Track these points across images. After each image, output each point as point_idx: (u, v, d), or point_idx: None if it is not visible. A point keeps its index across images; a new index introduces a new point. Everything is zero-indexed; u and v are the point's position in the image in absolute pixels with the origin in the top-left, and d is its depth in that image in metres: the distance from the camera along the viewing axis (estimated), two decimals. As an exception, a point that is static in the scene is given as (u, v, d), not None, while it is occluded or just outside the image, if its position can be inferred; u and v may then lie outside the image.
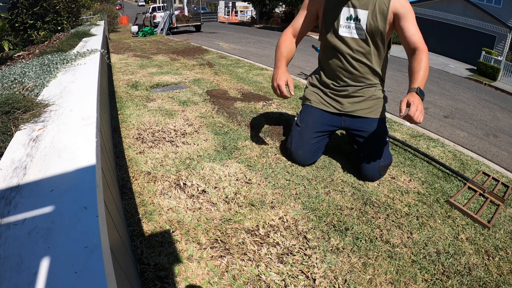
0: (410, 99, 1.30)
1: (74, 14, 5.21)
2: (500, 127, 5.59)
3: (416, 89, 1.36)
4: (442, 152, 2.12)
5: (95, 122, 0.94)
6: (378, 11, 1.54)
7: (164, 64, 4.53)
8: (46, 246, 0.50)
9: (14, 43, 4.00)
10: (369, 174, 1.63)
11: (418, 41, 1.52)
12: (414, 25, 1.53)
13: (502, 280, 1.11)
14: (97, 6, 12.92)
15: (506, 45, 14.72)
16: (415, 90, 1.36)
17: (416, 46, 1.51)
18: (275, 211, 1.33)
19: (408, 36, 1.54)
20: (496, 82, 12.17)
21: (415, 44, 1.51)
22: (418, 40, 1.52)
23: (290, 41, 1.77)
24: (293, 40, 1.79)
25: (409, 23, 1.52)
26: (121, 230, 0.90)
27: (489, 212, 1.52)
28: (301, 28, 1.77)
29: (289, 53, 1.74)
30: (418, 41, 1.52)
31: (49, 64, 1.75)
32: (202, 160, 1.69)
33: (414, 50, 1.51)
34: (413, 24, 1.53)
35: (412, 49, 1.52)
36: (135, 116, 2.27)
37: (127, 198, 1.34)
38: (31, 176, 0.68)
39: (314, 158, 1.75)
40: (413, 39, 1.52)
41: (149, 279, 0.96)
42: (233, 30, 16.49)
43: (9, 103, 1.00)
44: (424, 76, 1.42)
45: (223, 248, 1.12)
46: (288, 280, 1.01)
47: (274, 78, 1.63)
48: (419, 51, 1.50)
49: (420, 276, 1.08)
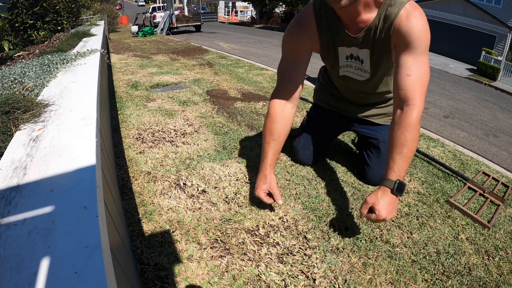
0: (375, 205, 1.02)
1: (74, 14, 5.21)
2: (500, 127, 5.59)
3: (393, 185, 1.03)
4: (442, 152, 2.12)
5: (95, 122, 0.94)
6: (380, 48, 1.18)
7: (164, 64, 4.53)
8: (46, 246, 0.50)
9: (14, 43, 4.00)
10: (373, 179, 1.56)
11: (412, 89, 1.04)
12: (418, 61, 1.06)
13: (502, 280, 1.11)
14: (97, 6, 12.92)
15: (506, 45, 14.72)
16: (392, 185, 1.03)
17: (407, 96, 1.05)
18: (275, 211, 1.33)
19: (400, 75, 1.07)
20: (496, 82, 12.17)
21: (406, 92, 1.05)
22: (414, 87, 1.04)
23: (284, 113, 1.33)
24: (289, 107, 1.34)
25: (410, 57, 1.07)
26: (121, 230, 0.90)
27: (489, 212, 1.52)
28: (296, 81, 1.32)
29: (282, 132, 1.33)
30: (413, 89, 1.04)
31: (49, 64, 1.75)
32: (202, 160, 1.69)
33: (403, 102, 1.07)
34: (415, 59, 1.06)
35: (401, 100, 1.07)
36: (135, 116, 2.27)
37: (127, 198, 1.34)
38: (31, 176, 0.67)
39: (319, 159, 1.70)
40: (406, 82, 1.05)
41: (149, 279, 0.96)
42: (233, 30, 16.49)
43: (9, 103, 1.00)
44: (409, 156, 1.04)
45: (223, 248, 1.12)
46: (288, 280, 1.01)
47: (256, 184, 1.32)
48: (410, 109, 1.05)
49: (420, 276, 1.08)
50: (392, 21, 1.09)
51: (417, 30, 1.06)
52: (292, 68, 1.33)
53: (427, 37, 1.07)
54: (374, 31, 1.16)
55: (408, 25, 1.06)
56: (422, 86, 1.06)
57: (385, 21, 1.11)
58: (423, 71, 1.07)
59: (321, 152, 1.69)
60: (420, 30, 1.06)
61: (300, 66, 1.33)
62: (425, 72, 1.08)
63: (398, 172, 1.04)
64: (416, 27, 1.06)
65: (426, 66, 1.08)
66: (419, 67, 1.06)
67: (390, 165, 1.06)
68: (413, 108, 1.05)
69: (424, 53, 1.07)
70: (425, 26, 1.06)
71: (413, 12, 1.07)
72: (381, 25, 1.13)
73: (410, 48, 1.07)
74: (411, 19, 1.06)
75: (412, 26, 1.06)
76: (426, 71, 1.08)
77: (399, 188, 1.03)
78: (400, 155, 1.04)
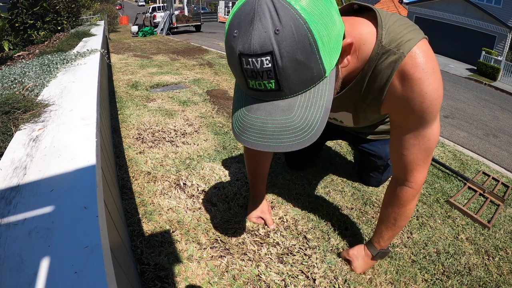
0: (353, 261, 1.05)
1: (74, 14, 5.21)
2: (500, 127, 5.59)
3: (376, 253, 1.04)
4: (442, 152, 2.12)
5: (95, 122, 0.94)
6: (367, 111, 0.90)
7: (164, 64, 4.53)
8: (46, 246, 0.50)
9: (14, 43, 4.00)
10: (371, 185, 1.59)
11: (409, 169, 0.86)
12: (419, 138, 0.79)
13: (502, 280, 1.11)
14: (97, 6, 12.92)
15: (506, 45, 14.72)
16: (375, 253, 1.04)
17: (401, 176, 0.89)
18: (275, 211, 1.33)
19: (395, 152, 0.87)
20: (496, 82, 12.17)
21: (401, 171, 0.88)
22: (412, 166, 0.85)
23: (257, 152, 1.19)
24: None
25: (409, 134, 0.80)
26: (121, 230, 0.90)
27: (489, 212, 1.52)
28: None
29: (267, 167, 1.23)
30: (410, 169, 0.86)
31: (49, 64, 1.75)
32: (202, 160, 1.69)
33: (397, 180, 0.92)
34: (415, 136, 0.80)
35: (396, 176, 0.93)
36: (135, 116, 2.27)
37: (127, 198, 1.34)
38: (31, 176, 0.68)
39: (308, 164, 1.66)
40: (401, 162, 0.86)
41: (149, 279, 0.96)
42: (233, 30, 16.45)
43: (9, 103, 1.00)
44: (396, 231, 0.99)
45: (223, 248, 1.12)
46: (288, 280, 1.01)
47: (248, 209, 1.28)
48: (402, 190, 0.90)
49: (420, 276, 1.08)
50: (382, 83, 0.76)
51: (420, 102, 0.72)
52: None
53: (437, 104, 0.73)
54: (356, 97, 0.86)
55: (407, 96, 0.73)
56: (423, 163, 0.84)
57: (373, 82, 0.79)
58: (426, 145, 0.81)
59: (309, 157, 1.63)
60: (425, 99, 0.72)
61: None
62: (429, 146, 0.81)
63: (383, 243, 1.03)
64: (419, 97, 0.72)
65: (431, 138, 0.80)
66: (420, 144, 0.80)
67: (377, 234, 1.04)
68: (409, 191, 0.90)
69: (430, 124, 0.77)
70: (434, 92, 0.71)
71: (415, 74, 0.70)
72: (365, 89, 0.82)
73: (410, 123, 0.78)
74: (412, 86, 0.72)
75: (413, 97, 0.73)
76: (432, 144, 0.81)
77: (381, 255, 1.07)
78: (386, 230, 1.00)
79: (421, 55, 0.70)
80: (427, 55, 0.71)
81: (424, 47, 0.72)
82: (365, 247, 1.08)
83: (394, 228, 0.99)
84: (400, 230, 1.03)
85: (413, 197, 0.92)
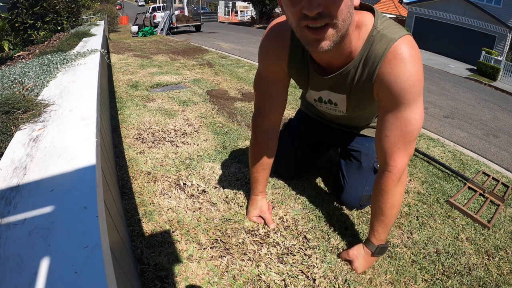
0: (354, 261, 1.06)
1: (74, 14, 5.21)
2: (500, 127, 5.59)
3: (374, 249, 1.04)
4: (442, 152, 2.12)
5: (95, 122, 0.94)
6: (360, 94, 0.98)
7: (164, 64, 4.53)
8: (46, 246, 0.50)
9: (14, 43, 4.00)
10: (350, 202, 1.36)
11: (390, 152, 0.92)
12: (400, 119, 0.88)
13: (502, 280, 1.11)
14: (97, 6, 12.93)
15: (506, 45, 14.72)
16: (374, 250, 1.05)
17: (384, 160, 0.94)
18: (275, 211, 1.33)
19: (379, 134, 0.94)
20: (496, 82, 12.16)
21: (383, 155, 0.94)
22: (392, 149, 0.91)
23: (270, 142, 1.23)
24: (274, 132, 1.23)
25: (391, 114, 0.89)
26: (121, 230, 0.90)
27: (489, 212, 1.52)
28: (274, 109, 1.18)
29: (271, 160, 1.25)
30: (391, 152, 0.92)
31: (49, 64, 1.75)
32: (202, 160, 1.69)
33: (381, 166, 0.97)
34: (396, 117, 0.88)
35: (380, 163, 0.98)
36: (135, 116, 2.27)
37: (127, 198, 1.34)
38: (31, 176, 0.67)
39: (299, 173, 1.56)
40: (383, 144, 0.92)
41: (149, 279, 0.96)
42: (233, 30, 16.50)
43: (9, 103, 1.00)
44: (387, 223, 1.01)
45: (223, 248, 1.12)
46: (288, 280, 1.01)
47: (247, 208, 1.30)
48: (385, 176, 0.95)
49: (420, 276, 1.08)
50: (375, 65, 0.86)
51: (404, 80, 0.83)
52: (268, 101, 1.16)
53: (418, 87, 0.84)
54: (352, 76, 0.94)
55: (394, 73, 0.83)
56: (403, 147, 0.90)
57: (367, 64, 0.88)
58: (407, 129, 0.88)
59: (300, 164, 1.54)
60: (408, 79, 0.82)
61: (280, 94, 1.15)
62: (410, 130, 0.88)
63: (379, 237, 1.04)
64: (403, 76, 0.83)
65: (412, 122, 0.87)
66: (401, 125, 0.88)
67: (370, 228, 1.07)
68: (388, 175, 0.94)
69: (411, 106, 0.86)
70: (416, 74, 0.83)
71: (403, 54, 0.82)
72: (361, 69, 0.90)
73: (394, 102, 0.87)
74: (399, 65, 0.83)
75: (398, 75, 0.83)
76: (412, 128, 0.88)
77: (381, 251, 1.06)
78: (378, 222, 1.02)
79: (410, 43, 0.84)
80: (414, 44, 0.85)
81: (411, 39, 0.86)
82: (363, 245, 1.09)
83: (383, 219, 1.01)
84: (392, 221, 1.02)
85: (394, 183, 0.95)
